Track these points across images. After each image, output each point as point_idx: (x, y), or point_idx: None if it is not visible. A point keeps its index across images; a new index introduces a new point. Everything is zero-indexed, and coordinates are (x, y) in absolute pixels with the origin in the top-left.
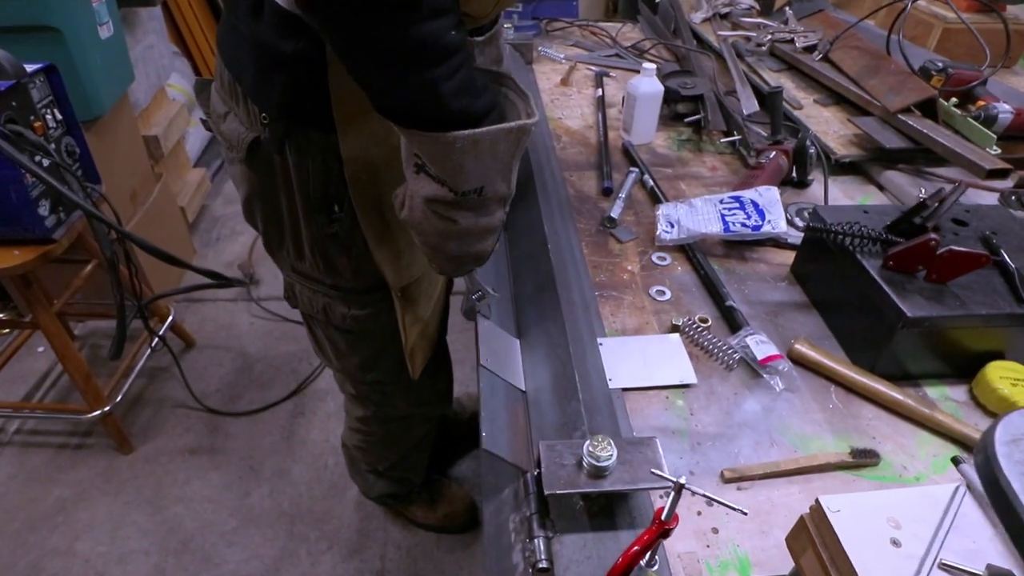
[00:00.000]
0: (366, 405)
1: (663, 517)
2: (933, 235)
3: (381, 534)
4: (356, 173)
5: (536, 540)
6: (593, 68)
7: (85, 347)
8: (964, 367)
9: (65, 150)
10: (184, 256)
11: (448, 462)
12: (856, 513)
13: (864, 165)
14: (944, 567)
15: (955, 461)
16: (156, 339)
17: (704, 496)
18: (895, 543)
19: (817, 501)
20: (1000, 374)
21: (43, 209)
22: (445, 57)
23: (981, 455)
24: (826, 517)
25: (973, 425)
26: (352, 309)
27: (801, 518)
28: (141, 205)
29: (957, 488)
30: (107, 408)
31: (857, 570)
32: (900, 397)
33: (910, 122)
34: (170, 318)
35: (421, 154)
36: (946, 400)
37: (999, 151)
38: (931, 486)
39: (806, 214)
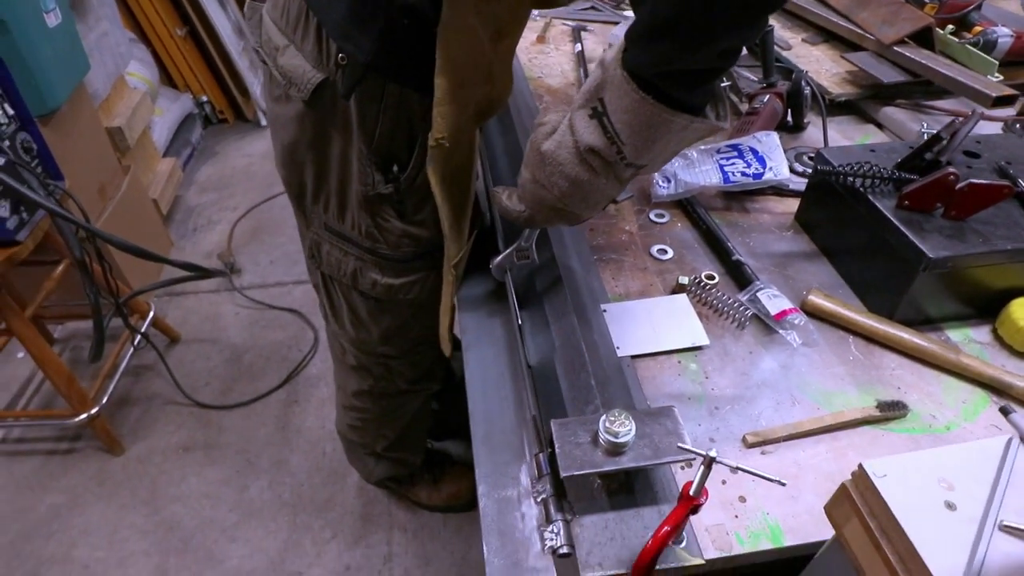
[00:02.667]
0: (365, 378)
1: (692, 492)
2: (952, 169)
3: (386, 518)
4: (440, 140)
5: (554, 524)
6: (569, 23)
7: (66, 350)
8: (986, 307)
9: (21, 146)
10: (160, 249)
11: (444, 429)
12: (904, 477)
13: (860, 103)
14: (1006, 529)
15: (1004, 411)
16: (138, 337)
17: (738, 468)
18: (950, 506)
19: (860, 467)
20: None
21: (3, 211)
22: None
23: None
24: (872, 484)
25: (1001, 367)
26: (386, 277)
27: (843, 485)
28: (110, 200)
29: (1010, 440)
30: (93, 411)
31: (912, 539)
32: (923, 343)
33: (907, 54)
34: (151, 314)
35: (617, 110)
36: (970, 342)
37: (1000, 78)
38: (982, 440)
39: (807, 158)
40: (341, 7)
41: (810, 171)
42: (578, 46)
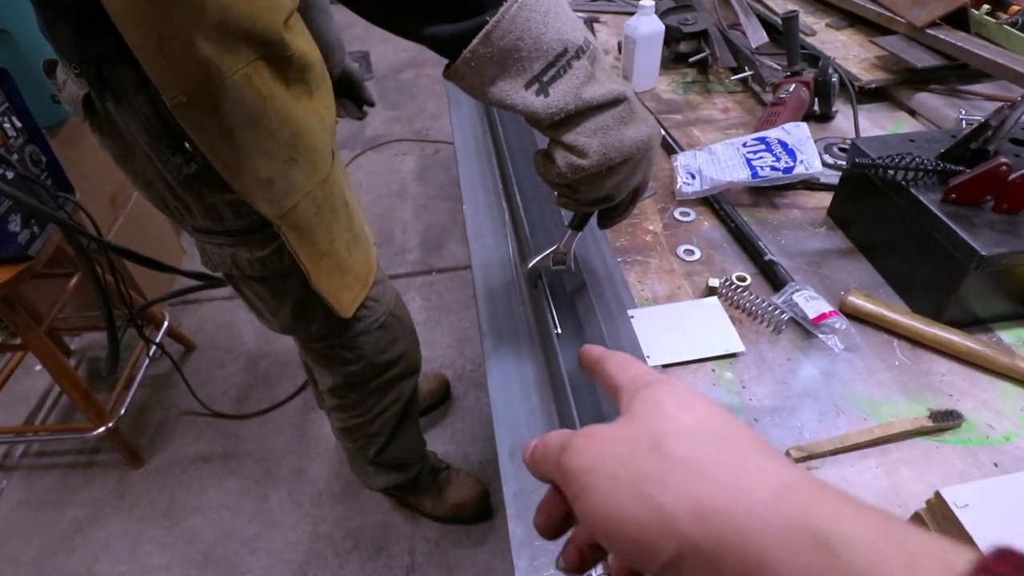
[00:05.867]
0: (332, 369)
1: None
2: (1003, 159)
3: (408, 527)
4: (176, 98)
5: None
6: (581, 15)
7: (83, 361)
8: None
9: (30, 159)
10: (173, 258)
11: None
12: (988, 506)
13: (891, 90)
14: None
15: None
16: (153, 347)
17: None
18: None
19: (938, 494)
20: None
21: (14, 225)
22: None
23: None
24: (952, 515)
25: None
26: (254, 251)
27: (916, 515)
28: (122, 209)
29: None
30: (111, 423)
31: None
32: (975, 346)
33: (941, 36)
34: (165, 323)
35: (500, 73)
36: (1023, 344)
37: None
38: None
39: (837, 150)
40: (41, 20)
41: (842, 163)
42: None
